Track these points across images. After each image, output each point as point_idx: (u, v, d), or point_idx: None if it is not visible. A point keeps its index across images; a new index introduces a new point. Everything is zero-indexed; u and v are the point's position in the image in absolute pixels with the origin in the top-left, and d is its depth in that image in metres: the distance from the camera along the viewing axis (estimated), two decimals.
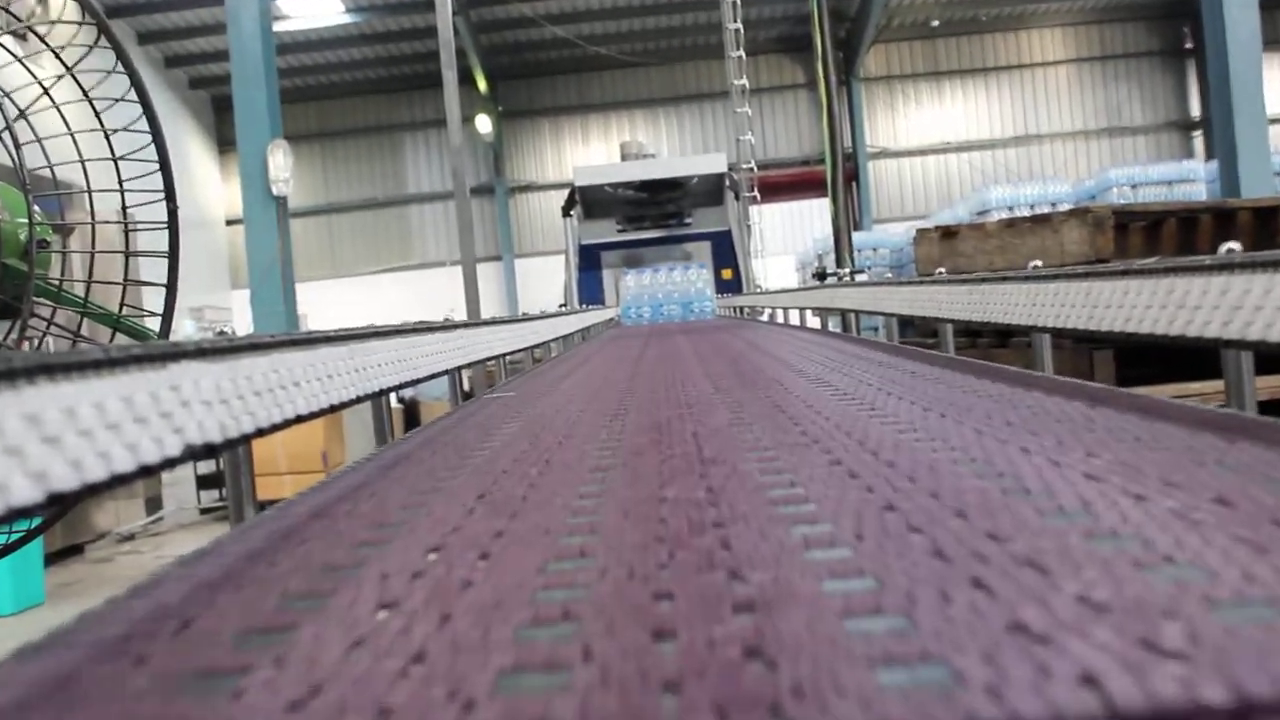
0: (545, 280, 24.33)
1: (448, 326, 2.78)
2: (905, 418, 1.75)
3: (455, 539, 1.09)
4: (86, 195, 3.88)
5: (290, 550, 1.15)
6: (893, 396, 2.09)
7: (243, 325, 21.01)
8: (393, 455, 1.86)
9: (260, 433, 1.29)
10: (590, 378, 3.41)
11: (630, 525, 1.07)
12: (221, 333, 1.68)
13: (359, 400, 1.77)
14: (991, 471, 1.19)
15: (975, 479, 1.16)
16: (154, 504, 9.11)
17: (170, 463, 1.12)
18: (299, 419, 1.43)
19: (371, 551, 1.09)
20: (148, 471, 1.11)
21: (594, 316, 9.43)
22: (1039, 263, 2.88)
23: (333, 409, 1.59)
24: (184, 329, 19.76)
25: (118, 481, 1.02)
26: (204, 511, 9.38)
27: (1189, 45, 24.88)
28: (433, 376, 2.48)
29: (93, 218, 3.96)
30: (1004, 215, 11.85)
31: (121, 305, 3.99)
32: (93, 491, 1.01)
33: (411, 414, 12.11)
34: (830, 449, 1.46)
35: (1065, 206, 11.96)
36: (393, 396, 2.66)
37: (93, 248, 4.02)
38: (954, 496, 1.07)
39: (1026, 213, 11.42)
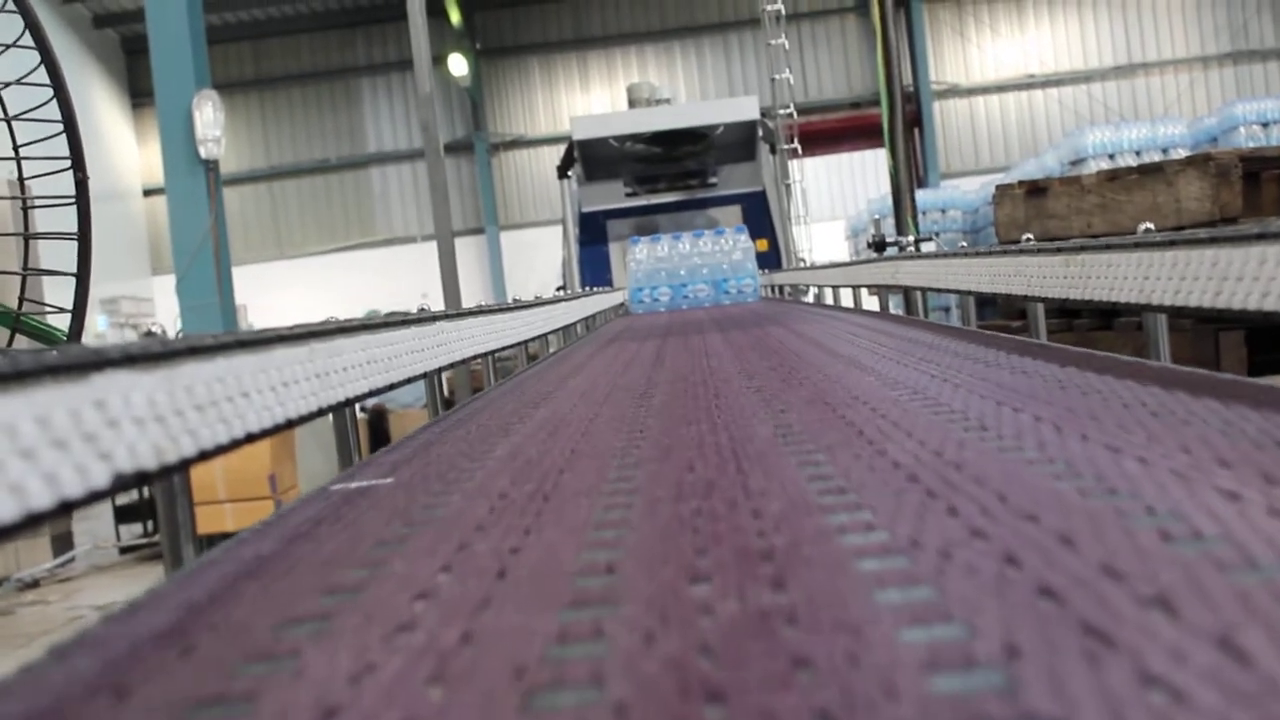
0: (538, 257, 24.35)
1: (425, 319, 2.79)
2: None
3: None
4: None
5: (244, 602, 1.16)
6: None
7: (167, 319, 21.07)
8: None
9: (204, 456, 1.31)
10: (554, 435, 2.26)
11: None
12: (150, 333, 1.69)
13: (322, 413, 1.79)
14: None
15: None
16: (63, 543, 9.15)
17: (96, 496, 1.13)
18: (250, 438, 1.44)
19: None
20: (69, 508, 1.12)
21: (593, 303, 9.33)
22: (1150, 225, 2.88)
23: (290, 424, 1.61)
24: (95, 325, 19.84)
25: (33, 521, 1.03)
26: (125, 550, 9.41)
27: None
28: (409, 381, 2.49)
29: None
30: (1104, 165, 11.81)
31: (21, 300, 4.01)
32: (2, 535, 1.02)
33: (378, 426, 12.15)
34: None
35: (1181, 153, 11.92)
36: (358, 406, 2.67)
37: None
38: None
39: (1132, 161, 11.38)
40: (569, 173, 15.34)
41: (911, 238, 9.86)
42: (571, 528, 1.34)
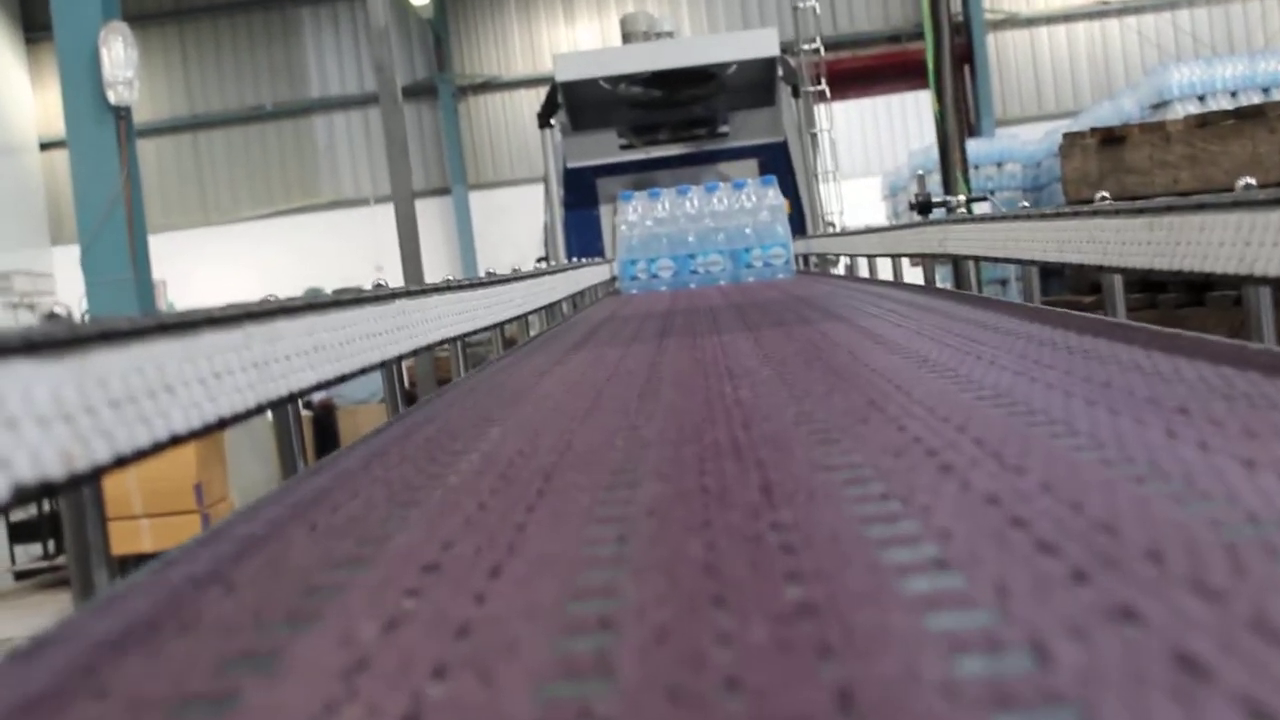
0: (515, 223, 24.31)
1: (383, 296, 2.79)
2: None
3: None
4: None
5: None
6: None
7: (71, 298, 21.00)
8: None
9: (121, 462, 1.30)
10: (387, 640, 1.06)
11: None
12: (53, 315, 1.69)
13: (261, 409, 1.78)
14: None
15: None
16: None
17: None
18: (175, 440, 1.43)
19: None
20: None
21: (577, 278, 9.01)
22: (1250, 180, 2.87)
23: (223, 424, 1.60)
24: None
25: None
26: (21, 576, 9.43)
27: None
28: (363, 371, 2.49)
29: None
30: (1193, 109, 11.81)
31: None
32: None
33: (325, 424, 12.15)
34: None
35: None
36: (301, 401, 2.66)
37: None
38: None
39: (1227, 104, 11.37)
40: (551, 121, 15.29)
41: (962, 197, 9.88)
42: None
